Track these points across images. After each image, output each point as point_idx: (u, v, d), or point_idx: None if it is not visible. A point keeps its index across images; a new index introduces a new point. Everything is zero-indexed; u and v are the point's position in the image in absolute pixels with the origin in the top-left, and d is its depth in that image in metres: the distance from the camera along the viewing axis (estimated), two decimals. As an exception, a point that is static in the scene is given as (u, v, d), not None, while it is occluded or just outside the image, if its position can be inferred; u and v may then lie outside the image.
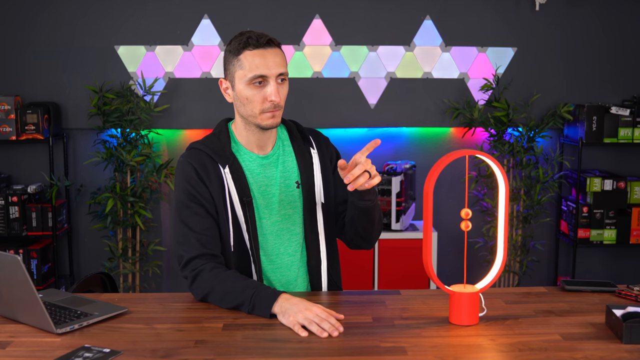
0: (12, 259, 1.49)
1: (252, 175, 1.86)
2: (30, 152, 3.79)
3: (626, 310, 1.53)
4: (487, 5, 3.78)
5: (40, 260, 3.56)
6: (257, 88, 1.77)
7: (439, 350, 1.44)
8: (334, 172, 1.96)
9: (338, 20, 3.75)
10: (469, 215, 1.58)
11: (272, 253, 1.88)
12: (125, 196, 3.55)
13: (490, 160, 1.58)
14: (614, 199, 3.73)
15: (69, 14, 3.67)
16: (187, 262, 1.77)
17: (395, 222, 3.54)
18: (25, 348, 1.46)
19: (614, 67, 3.86)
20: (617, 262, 4.06)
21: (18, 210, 3.54)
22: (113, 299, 1.80)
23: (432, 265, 1.57)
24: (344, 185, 1.90)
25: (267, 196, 1.87)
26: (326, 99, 3.78)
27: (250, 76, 1.76)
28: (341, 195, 1.95)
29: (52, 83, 3.72)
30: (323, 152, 1.95)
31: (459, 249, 3.96)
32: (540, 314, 1.65)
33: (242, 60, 1.76)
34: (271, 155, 1.89)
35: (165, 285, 3.93)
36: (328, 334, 1.51)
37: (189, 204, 1.80)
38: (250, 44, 1.75)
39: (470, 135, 3.84)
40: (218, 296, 1.70)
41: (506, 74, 3.83)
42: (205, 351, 1.44)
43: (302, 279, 1.92)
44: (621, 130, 3.65)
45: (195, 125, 3.76)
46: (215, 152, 1.83)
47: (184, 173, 1.82)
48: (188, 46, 3.72)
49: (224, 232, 1.81)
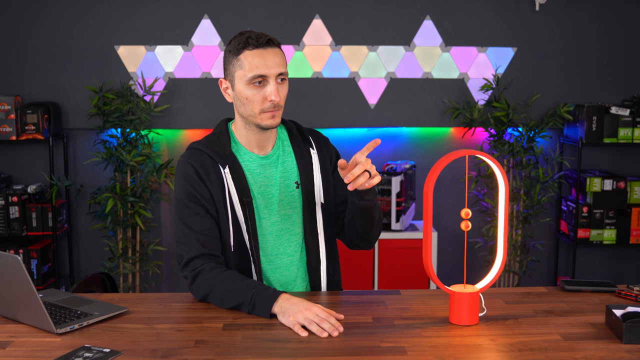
0: (12, 259, 1.49)
1: (252, 176, 1.86)
2: (30, 152, 3.79)
3: (626, 310, 1.53)
4: (487, 5, 3.78)
5: (40, 260, 3.56)
6: (257, 88, 1.77)
7: (439, 350, 1.44)
8: (333, 172, 1.96)
9: (338, 20, 3.75)
10: (469, 215, 1.58)
11: (271, 253, 1.88)
12: (125, 196, 3.55)
13: (490, 160, 1.58)
14: (614, 199, 3.73)
15: (69, 14, 3.67)
16: (187, 262, 1.77)
17: (395, 222, 3.54)
18: (25, 348, 1.46)
19: (614, 67, 3.86)
20: (617, 262, 4.06)
21: (18, 210, 3.54)
22: (113, 299, 1.80)
23: (432, 265, 1.57)
24: (343, 186, 1.90)
25: (267, 196, 1.87)
26: (326, 99, 3.78)
27: (250, 76, 1.76)
28: (341, 196, 1.95)
29: (52, 83, 3.72)
30: (323, 153, 1.95)
31: (459, 249, 3.96)
32: (540, 314, 1.65)
33: (242, 60, 1.76)
34: (271, 155, 1.89)
35: (165, 285, 3.93)
36: (328, 334, 1.51)
37: (189, 204, 1.80)
38: (250, 44, 1.76)
39: (470, 135, 3.84)
40: (218, 296, 1.70)
41: (506, 74, 3.83)
42: (205, 351, 1.44)
43: (301, 279, 1.92)
44: (621, 130, 3.65)
45: (195, 125, 3.76)
46: (215, 152, 1.83)
47: (184, 173, 1.82)
48: (188, 46, 3.72)
49: (224, 232, 1.81)
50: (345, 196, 1.94)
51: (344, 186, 1.88)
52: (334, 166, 1.97)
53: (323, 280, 1.92)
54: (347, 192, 1.87)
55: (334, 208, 1.95)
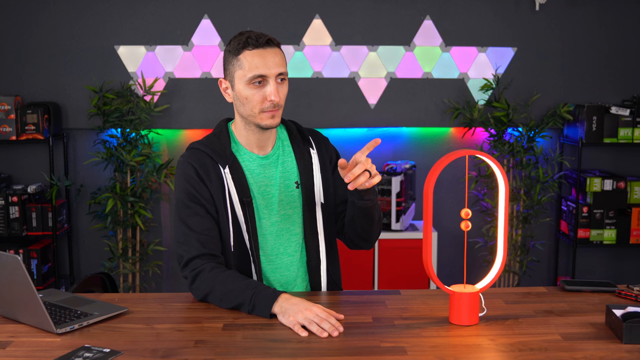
0: (12, 259, 1.49)
1: (252, 176, 1.86)
2: (30, 152, 3.79)
3: (626, 310, 1.53)
4: (487, 5, 3.78)
5: (40, 260, 3.56)
6: (257, 88, 1.77)
7: (439, 350, 1.44)
8: (333, 172, 1.96)
9: (338, 20, 3.75)
10: (469, 215, 1.58)
11: (271, 253, 1.88)
12: (125, 196, 3.55)
13: (490, 160, 1.58)
14: (614, 199, 3.73)
15: (69, 14, 3.67)
16: (187, 262, 1.77)
17: (395, 222, 3.54)
18: (25, 348, 1.46)
19: (614, 67, 3.86)
20: (617, 262, 4.06)
21: (18, 210, 3.54)
22: (113, 299, 1.80)
23: (432, 265, 1.57)
24: (344, 185, 1.90)
25: (267, 196, 1.87)
26: (326, 99, 3.78)
27: (249, 76, 1.76)
28: (341, 195, 1.95)
29: (52, 83, 3.72)
30: (322, 152, 1.95)
31: (459, 249, 3.96)
32: (540, 314, 1.65)
33: (241, 60, 1.76)
34: (271, 155, 1.89)
35: (165, 285, 3.93)
36: (328, 334, 1.51)
37: (189, 203, 1.80)
38: (249, 44, 1.76)
39: (470, 135, 3.84)
40: (218, 296, 1.70)
41: (506, 74, 3.83)
42: (205, 351, 1.44)
43: (301, 278, 1.92)
44: (621, 130, 3.65)
45: (195, 125, 3.76)
46: (215, 152, 1.83)
47: (184, 173, 1.82)
48: (188, 46, 3.72)
49: (224, 232, 1.82)
50: (345, 196, 1.94)
51: (344, 186, 1.88)
52: (334, 166, 1.97)
53: (323, 280, 1.92)
54: (347, 192, 1.87)
55: (334, 208, 1.96)
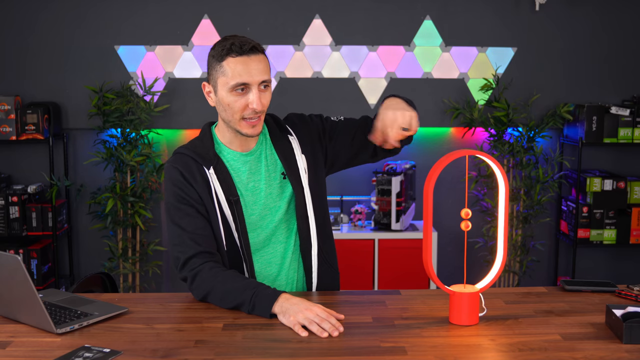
0: (12, 259, 1.49)
1: (237, 174, 1.86)
2: (30, 152, 3.79)
3: (626, 310, 1.53)
4: (487, 5, 3.78)
5: (40, 260, 3.56)
6: (239, 95, 1.75)
7: (439, 350, 1.44)
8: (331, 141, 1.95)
9: (338, 20, 3.75)
10: (469, 215, 1.58)
11: (264, 246, 1.88)
12: (125, 196, 3.55)
13: (490, 160, 1.58)
14: (614, 199, 3.73)
15: (69, 14, 3.67)
16: (185, 262, 1.77)
17: (395, 222, 3.54)
18: (25, 348, 1.46)
19: (614, 67, 3.86)
20: (617, 262, 4.06)
21: (18, 210, 3.55)
22: (113, 299, 1.80)
23: (432, 265, 1.57)
24: (346, 144, 1.93)
25: (255, 192, 1.87)
26: (326, 99, 3.78)
27: (232, 84, 1.74)
28: (345, 154, 1.97)
29: (52, 83, 3.72)
30: (301, 132, 1.93)
31: (459, 249, 3.96)
32: (540, 314, 1.65)
33: (224, 66, 1.74)
34: (254, 151, 1.89)
35: (165, 285, 3.93)
36: (328, 334, 1.51)
37: (179, 206, 1.80)
38: (233, 51, 1.73)
39: (470, 135, 3.84)
40: (218, 296, 1.70)
41: (506, 74, 3.83)
42: (205, 351, 1.44)
43: (294, 264, 1.91)
44: (621, 130, 3.65)
45: (195, 125, 3.76)
46: (199, 155, 1.84)
47: (171, 177, 1.83)
48: (188, 46, 3.72)
49: (216, 232, 1.82)
50: (350, 152, 1.96)
51: (347, 144, 1.93)
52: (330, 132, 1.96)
53: (314, 261, 1.90)
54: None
55: (345, 164, 1.99)
